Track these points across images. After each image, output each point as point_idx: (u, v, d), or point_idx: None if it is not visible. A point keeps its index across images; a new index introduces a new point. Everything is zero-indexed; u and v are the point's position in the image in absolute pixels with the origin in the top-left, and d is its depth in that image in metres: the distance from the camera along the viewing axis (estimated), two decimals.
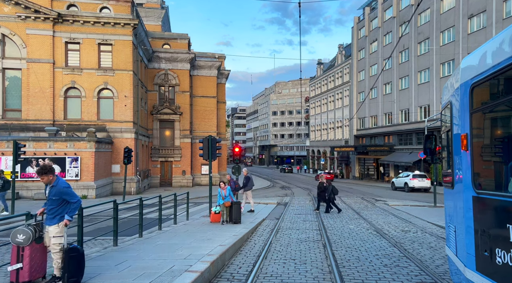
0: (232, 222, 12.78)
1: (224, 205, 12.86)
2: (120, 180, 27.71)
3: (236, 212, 12.85)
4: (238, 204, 13.13)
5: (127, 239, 9.97)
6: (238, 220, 12.83)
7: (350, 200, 24.76)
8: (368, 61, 50.13)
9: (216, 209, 13.05)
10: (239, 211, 12.99)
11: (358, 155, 51.64)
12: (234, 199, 13.23)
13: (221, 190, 13.08)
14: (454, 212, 5.08)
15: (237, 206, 13.03)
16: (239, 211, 13.04)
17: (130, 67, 29.45)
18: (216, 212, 13.01)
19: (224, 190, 13.01)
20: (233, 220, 12.79)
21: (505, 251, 3.52)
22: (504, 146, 4.02)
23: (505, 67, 3.58)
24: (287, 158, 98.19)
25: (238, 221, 12.81)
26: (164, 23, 46.43)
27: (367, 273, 7.42)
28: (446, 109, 5.63)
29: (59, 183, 5.88)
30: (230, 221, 12.84)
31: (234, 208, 12.85)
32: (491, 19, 30.33)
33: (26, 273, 5.48)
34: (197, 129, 40.90)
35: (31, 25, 27.72)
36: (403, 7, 43.04)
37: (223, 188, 13.13)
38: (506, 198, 3.58)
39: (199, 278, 6.26)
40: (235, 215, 12.83)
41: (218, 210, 12.99)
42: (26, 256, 5.49)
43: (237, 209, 12.93)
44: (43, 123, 27.56)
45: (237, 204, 13.12)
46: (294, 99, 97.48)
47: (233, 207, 12.85)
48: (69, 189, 5.87)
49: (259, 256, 8.72)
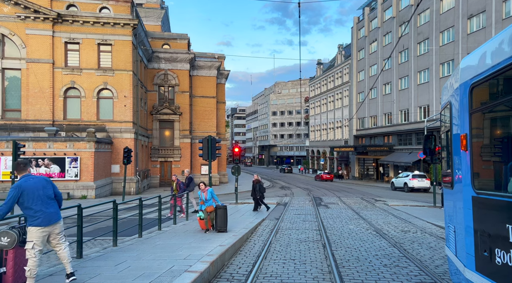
0: (216, 230, 10.98)
1: (206, 210, 11.04)
2: (120, 180, 27.71)
3: (221, 218, 10.97)
4: (223, 209, 11.06)
5: (127, 239, 9.96)
6: (223, 228, 10.97)
7: (350, 200, 24.76)
8: (367, 61, 50.15)
9: (200, 214, 11.16)
10: (224, 217, 11.03)
11: (357, 155, 51.66)
12: (219, 202, 11.25)
13: (201, 193, 11.23)
14: (454, 212, 5.08)
15: (222, 210, 11.05)
16: (225, 217, 11.05)
17: (129, 67, 29.45)
18: (202, 217, 11.11)
19: (205, 193, 11.17)
20: (217, 228, 10.97)
21: (504, 251, 3.52)
22: (504, 146, 4.02)
23: (505, 67, 3.57)
24: (287, 158, 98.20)
25: (223, 229, 10.96)
26: (163, 23, 46.44)
27: (366, 273, 7.42)
28: (445, 110, 5.62)
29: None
30: (215, 229, 11.04)
31: (218, 213, 10.98)
32: (491, 19, 30.34)
33: (9, 278, 5.16)
34: (196, 129, 40.90)
35: (30, 25, 27.72)
36: (402, 7, 43.05)
37: (203, 190, 11.25)
38: (506, 198, 3.58)
39: (198, 278, 6.26)
40: (220, 221, 10.97)
41: (203, 216, 11.11)
42: (9, 260, 5.17)
43: (222, 214, 11.01)
44: (43, 124, 27.55)
45: (222, 208, 11.04)
46: (294, 99, 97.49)
47: (218, 212, 10.99)
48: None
49: (258, 256, 8.72)
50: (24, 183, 5.25)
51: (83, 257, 7.65)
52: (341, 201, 23.96)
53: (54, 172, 24.81)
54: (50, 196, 5.48)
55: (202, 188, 11.29)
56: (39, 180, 5.48)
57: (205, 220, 11.00)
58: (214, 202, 11.11)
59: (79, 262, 7.21)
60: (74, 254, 8.11)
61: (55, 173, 24.80)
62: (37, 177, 5.60)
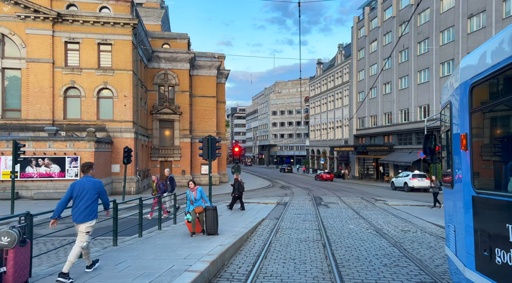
0: (206, 233, 10.28)
1: (194, 211, 10.26)
2: (120, 179, 27.71)
3: (211, 219, 10.26)
4: (213, 210, 10.28)
5: (127, 239, 9.96)
6: (214, 231, 10.24)
7: (350, 199, 24.76)
8: (367, 61, 50.15)
9: (188, 217, 10.35)
10: (214, 219, 10.31)
11: (357, 154, 51.66)
12: (208, 203, 10.52)
13: (190, 192, 10.38)
14: (454, 211, 5.08)
15: (212, 212, 10.27)
16: (215, 219, 10.33)
17: (129, 67, 29.44)
18: (190, 220, 10.35)
19: (194, 192, 10.36)
20: (207, 231, 10.27)
21: (504, 251, 3.52)
22: (504, 145, 4.01)
23: (505, 67, 3.57)
24: (287, 157, 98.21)
25: (214, 232, 10.24)
26: (163, 23, 46.42)
27: (366, 273, 7.42)
28: (445, 109, 5.62)
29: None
30: (205, 232, 10.34)
31: (208, 214, 10.25)
32: (491, 19, 30.33)
33: (10, 277, 5.13)
34: (196, 129, 40.90)
35: (30, 25, 27.71)
36: (402, 7, 43.04)
37: (192, 189, 10.40)
38: (506, 197, 3.58)
39: (198, 278, 6.26)
40: (210, 223, 10.25)
41: (191, 218, 10.34)
42: (10, 259, 5.14)
43: (212, 215, 10.27)
44: (43, 123, 27.55)
45: (212, 209, 10.27)
46: (294, 99, 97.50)
47: (207, 214, 10.25)
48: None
49: (258, 256, 8.72)
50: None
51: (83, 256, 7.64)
52: (341, 200, 23.97)
53: (54, 171, 24.81)
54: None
55: (191, 186, 10.44)
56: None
57: (193, 222, 10.24)
58: (204, 203, 10.38)
59: (79, 262, 7.21)
60: None
61: (55, 173, 24.80)
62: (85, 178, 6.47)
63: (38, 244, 10.42)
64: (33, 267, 6.17)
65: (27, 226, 5.79)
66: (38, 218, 10.64)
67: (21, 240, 5.36)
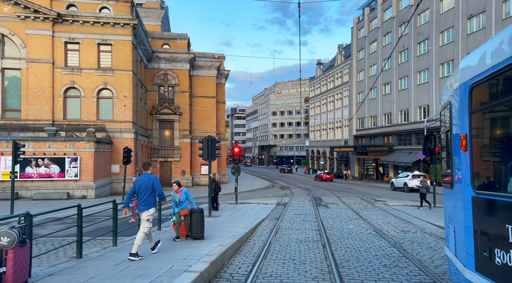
0: (192, 237, 9.77)
1: (179, 213, 9.78)
2: (120, 180, 27.70)
3: (197, 223, 9.74)
4: (199, 213, 9.78)
5: (127, 239, 9.96)
6: (200, 235, 9.73)
7: (350, 200, 24.76)
8: (367, 61, 50.16)
9: (173, 219, 9.98)
10: (200, 222, 9.78)
11: (357, 155, 51.68)
12: (194, 205, 10.05)
13: (175, 193, 9.90)
14: (454, 212, 5.08)
15: (198, 215, 9.77)
16: (201, 222, 9.80)
17: (129, 67, 29.45)
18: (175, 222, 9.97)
19: (179, 194, 9.86)
20: (193, 235, 9.75)
21: (504, 251, 3.52)
22: (504, 146, 4.02)
23: (505, 67, 3.58)
24: (287, 158, 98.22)
25: (200, 236, 9.73)
26: (163, 23, 46.43)
27: (366, 273, 7.42)
28: (445, 110, 5.63)
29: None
30: (190, 236, 9.79)
31: (193, 217, 9.74)
32: (491, 19, 30.35)
33: (9, 277, 5.12)
34: (196, 129, 40.89)
35: (30, 25, 27.71)
36: (402, 8, 43.07)
37: (176, 190, 9.89)
38: (506, 198, 3.58)
39: (198, 278, 6.26)
40: (196, 227, 9.73)
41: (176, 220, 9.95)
42: (9, 259, 5.12)
43: (198, 219, 9.75)
44: (43, 123, 27.54)
45: (198, 212, 9.78)
46: (294, 99, 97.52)
47: (193, 216, 9.75)
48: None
49: (258, 256, 8.72)
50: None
51: (83, 257, 7.65)
52: (341, 201, 23.97)
53: (54, 171, 24.80)
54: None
55: (175, 188, 9.91)
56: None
57: (177, 225, 9.77)
58: (189, 205, 9.93)
59: (79, 262, 7.21)
60: (73, 253, 8.12)
61: (55, 173, 24.79)
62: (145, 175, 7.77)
63: (37, 244, 10.41)
64: (32, 267, 6.17)
65: (26, 226, 5.78)
66: (37, 218, 10.65)
67: (21, 240, 5.36)
